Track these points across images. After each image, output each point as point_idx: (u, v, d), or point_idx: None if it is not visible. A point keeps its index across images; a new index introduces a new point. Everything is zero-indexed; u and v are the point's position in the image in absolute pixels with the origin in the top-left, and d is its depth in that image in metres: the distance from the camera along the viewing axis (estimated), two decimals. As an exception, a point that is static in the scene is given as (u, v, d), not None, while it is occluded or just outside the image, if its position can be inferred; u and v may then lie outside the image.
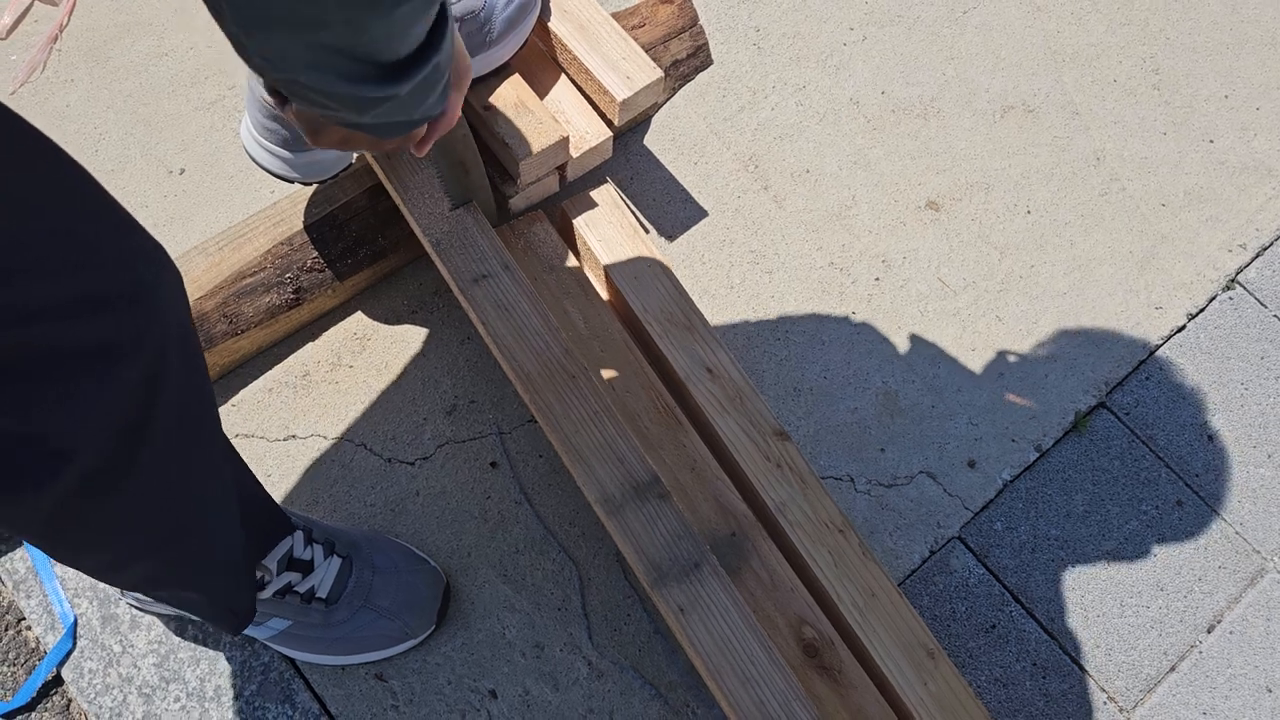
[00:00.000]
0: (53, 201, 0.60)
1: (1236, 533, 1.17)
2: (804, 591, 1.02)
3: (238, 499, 0.88)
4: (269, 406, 1.15)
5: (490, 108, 1.10)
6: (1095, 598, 1.13)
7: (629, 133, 1.33)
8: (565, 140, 1.10)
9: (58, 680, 1.05)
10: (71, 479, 0.66)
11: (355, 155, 1.09)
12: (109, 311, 0.63)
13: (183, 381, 0.72)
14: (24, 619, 1.07)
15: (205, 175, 1.27)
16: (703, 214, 1.29)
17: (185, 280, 1.10)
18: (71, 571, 1.07)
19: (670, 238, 1.27)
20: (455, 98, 0.75)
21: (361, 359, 1.18)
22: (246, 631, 1.00)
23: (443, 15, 0.59)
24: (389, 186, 1.09)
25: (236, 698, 1.03)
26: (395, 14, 0.52)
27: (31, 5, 1.37)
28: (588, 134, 1.15)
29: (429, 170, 1.07)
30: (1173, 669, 1.10)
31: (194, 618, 1.02)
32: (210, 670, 1.04)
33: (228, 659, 1.04)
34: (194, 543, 0.83)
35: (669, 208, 1.29)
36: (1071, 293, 1.28)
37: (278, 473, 1.12)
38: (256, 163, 1.04)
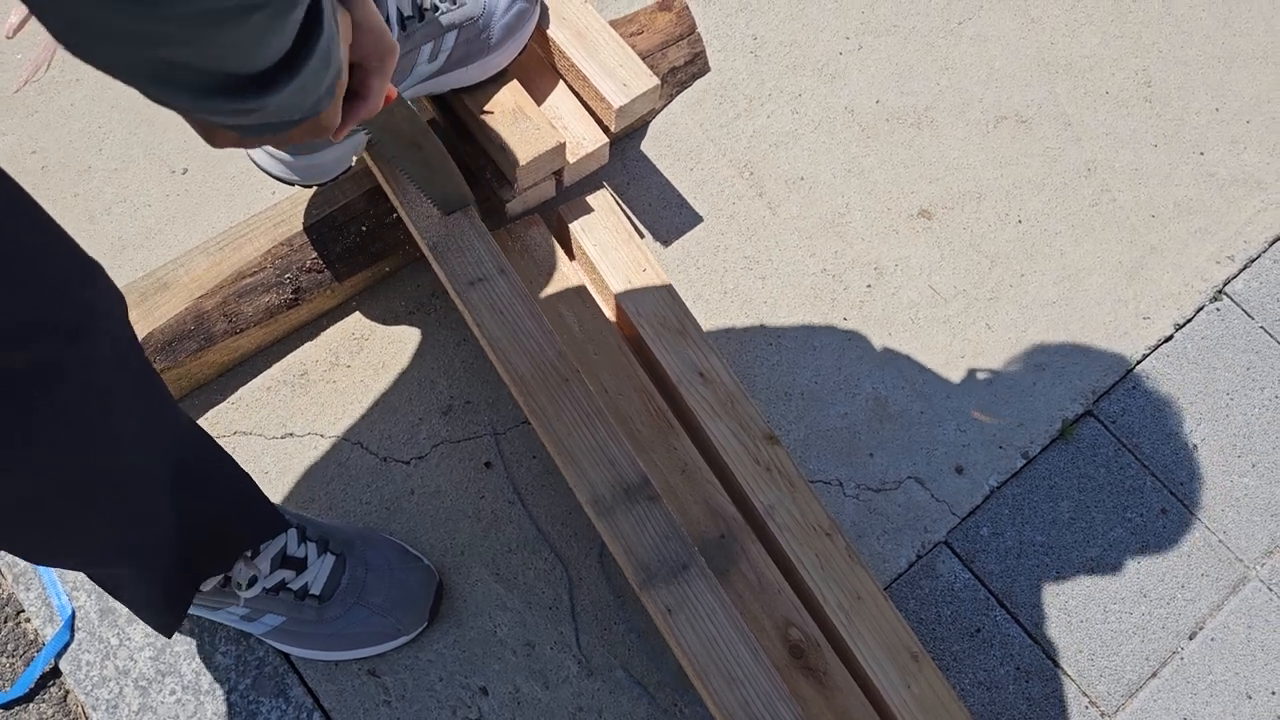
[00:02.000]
0: None
1: (1220, 541, 1.19)
2: (791, 593, 1.04)
3: (208, 508, 0.88)
4: (267, 405, 1.17)
5: (488, 113, 1.12)
6: (1079, 603, 1.14)
7: (625, 138, 1.35)
8: (562, 146, 1.12)
9: (55, 672, 1.06)
10: (12, 495, 0.66)
11: (355, 159, 1.10)
12: (44, 334, 0.61)
13: (126, 397, 0.71)
14: (23, 611, 1.09)
15: (207, 175, 1.29)
16: (698, 220, 1.31)
17: (186, 279, 1.12)
18: (70, 565, 1.08)
19: (665, 243, 1.29)
20: (375, 82, 0.70)
21: (359, 359, 1.20)
22: (241, 626, 1.01)
23: (313, 20, 0.53)
24: (388, 190, 1.11)
25: (231, 691, 1.04)
26: (243, 28, 0.46)
27: (37, 5, 1.38)
28: (584, 140, 1.16)
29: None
30: (1154, 675, 1.12)
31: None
32: (205, 664, 1.05)
33: (223, 653, 1.06)
34: (155, 548, 0.83)
35: (664, 213, 1.31)
36: (1061, 302, 1.30)
37: (275, 470, 1.14)
38: (258, 165, 1.06)
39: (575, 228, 1.18)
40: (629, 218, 1.28)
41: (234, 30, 0.46)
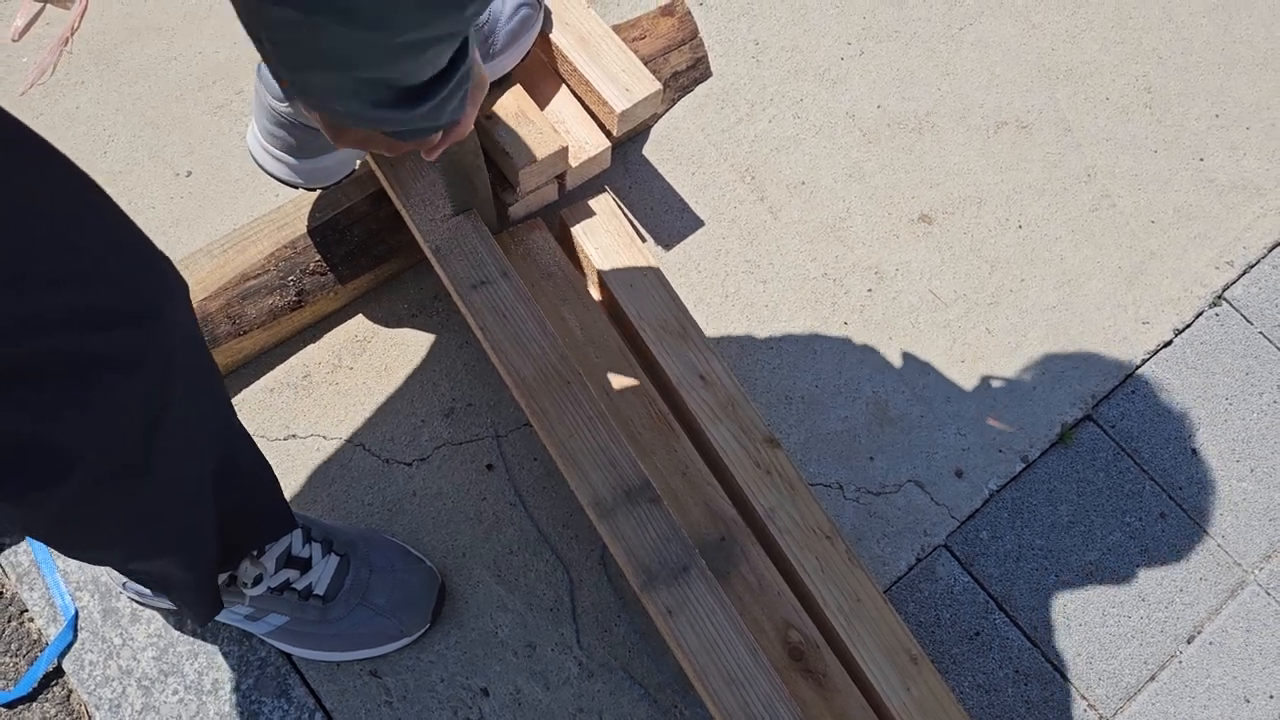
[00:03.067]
0: (67, 214, 0.62)
1: (1218, 545, 1.19)
2: (790, 596, 1.04)
3: (251, 499, 0.90)
4: (270, 406, 1.17)
5: (492, 117, 1.13)
6: (1078, 607, 1.15)
7: (628, 143, 1.35)
8: (565, 150, 1.13)
9: (58, 671, 1.07)
10: (78, 483, 0.68)
11: (358, 162, 1.11)
12: (119, 324, 0.65)
13: (191, 389, 0.74)
14: (26, 611, 1.09)
15: (211, 178, 1.30)
16: (699, 224, 1.31)
17: (190, 281, 1.12)
18: (73, 565, 1.09)
19: (667, 246, 1.30)
20: (470, 110, 0.77)
21: (361, 361, 1.20)
22: (245, 626, 1.02)
23: (462, 46, 0.62)
24: (391, 193, 1.11)
25: (234, 691, 1.05)
26: (428, 52, 0.56)
27: (44, 8, 1.39)
28: (587, 144, 1.17)
29: (430, 177, 1.09)
30: (1153, 678, 1.12)
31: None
32: (208, 664, 1.06)
33: (225, 653, 1.06)
34: (199, 538, 0.85)
35: (666, 217, 1.31)
36: (1060, 307, 1.30)
37: (278, 472, 1.13)
38: (262, 168, 1.07)
39: (577, 231, 1.19)
40: (631, 221, 1.28)
41: (421, 55, 0.56)
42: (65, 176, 0.63)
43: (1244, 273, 1.35)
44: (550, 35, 1.18)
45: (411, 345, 1.22)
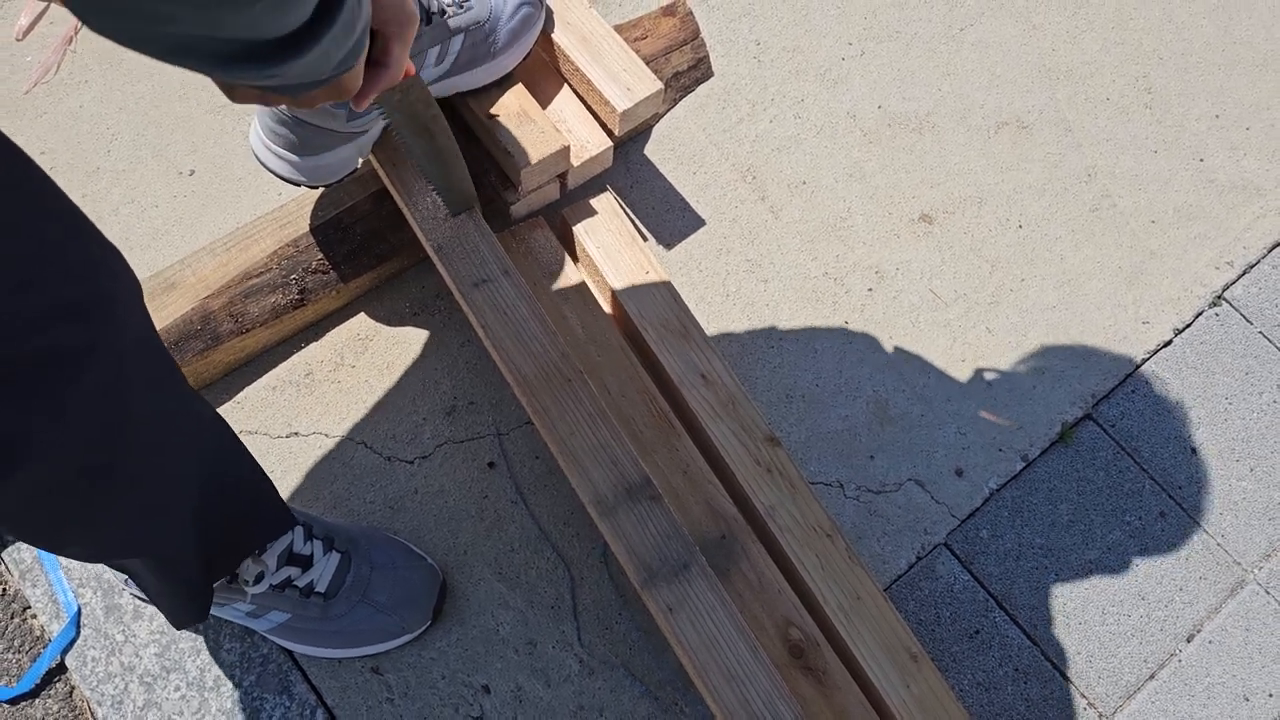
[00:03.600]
0: (26, 210, 0.60)
1: (1218, 544, 1.19)
2: (791, 594, 1.05)
3: (227, 497, 0.89)
4: (272, 404, 1.18)
5: (493, 117, 1.13)
6: (1077, 605, 1.15)
7: (629, 142, 1.36)
8: (566, 149, 1.13)
9: (61, 668, 1.07)
10: (37, 478, 0.66)
11: (361, 161, 1.11)
12: (71, 320, 0.63)
13: (151, 384, 0.72)
14: (29, 607, 1.10)
15: (214, 177, 1.30)
16: (700, 223, 1.32)
17: (193, 279, 1.13)
18: (76, 562, 1.09)
19: (668, 246, 1.30)
20: (398, 49, 0.70)
21: (363, 359, 1.21)
22: (246, 623, 1.02)
23: None
24: (393, 191, 1.12)
25: (235, 687, 1.05)
26: (255, 8, 0.47)
27: (48, 7, 1.40)
28: (588, 143, 1.17)
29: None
30: (1152, 677, 1.13)
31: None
32: (210, 660, 1.06)
33: (227, 650, 1.07)
34: (163, 545, 0.84)
35: (667, 216, 1.32)
36: (1061, 306, 1.31)
37: (280, 469, 1.14)
38: (264, 166, 1.07)
39: (579, 230, 1.19)
40: (632, 221, 1.29)
41: (241, 12, 0.47)
42: (16, 166, 0.61)
43: (1244, 273, 1.35)
44: (552, 35, 1.18)
45: (413, 343, 1.22)
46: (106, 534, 0.79)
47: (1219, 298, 1.33)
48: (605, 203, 1.21)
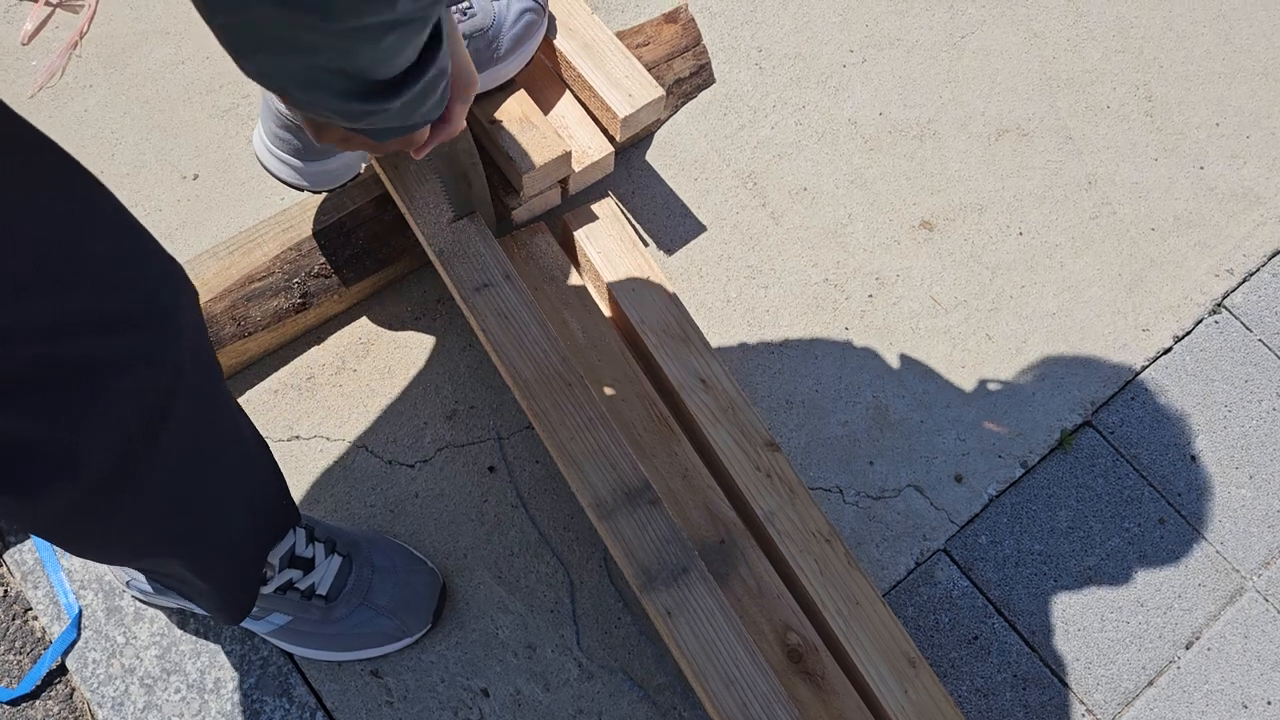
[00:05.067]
0: (85, 221, 0.63)
1: (1217, 552, 1.20)
2: (790, 598, 1.05)
3: (257, 497, 0.91)
4: (274, 408, 1.18)
5: (496, 122, 1.14)
6: (1076, 612, 1.15)
7: (631, 148, 1.36)
8: (568, 155, 1.14)
9: (62, 669, 1.07)
10: (83, 484, 0.69)
11: (363, 165, 1.12)
12: (130, 329, 0.66)
13: (197, 393, 0.75)
14: (30, 609, 1.10)
15: (218, 181, 1.31)
16: (701, 229, 1.32)
17: (196, 283, 1.13)
18: (78, 563, 1.10)
19: (669, 251, 1.30)
20: (459, 108, 0.77)
21: (365, 363, 1.21)
22: (247, 625, 1.02)
23: (435, 35, 0.61)
24: (395, 196, 1.12)
25: (235, 690, 1.05)
26: (383, 42, 0.54)
27: (53, 12, 1.40)
28: (590, 149, 1.18)
29: (435, 182, 1.10)
30: (1151, 684, 1.13)
31: (196, 610, 1.05)
32: (210, 663, 1.06)
33: (227, 652, 1.07)
34: (207, 541, 0.86)
35: (669, 222, 1.32)
36: (1061, 313, 1.31)
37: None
38: (268, 170, 1.08)
39: (580, 235, 1.19)
40: (633, 226, 1.29)
41: (376, 44, 0.54)
42: (79, 183, 0.64)
43: (1244, 280, 1.35)
44: (554, 41, 1.19)
45: (415, 347, 1.22)
46: (142, 537, 0.80)
47: (1219, 305, 1.33)
48: (606, 208, 1.22)
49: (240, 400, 1.18)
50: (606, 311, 1.19)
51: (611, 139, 1.19)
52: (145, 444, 0.71)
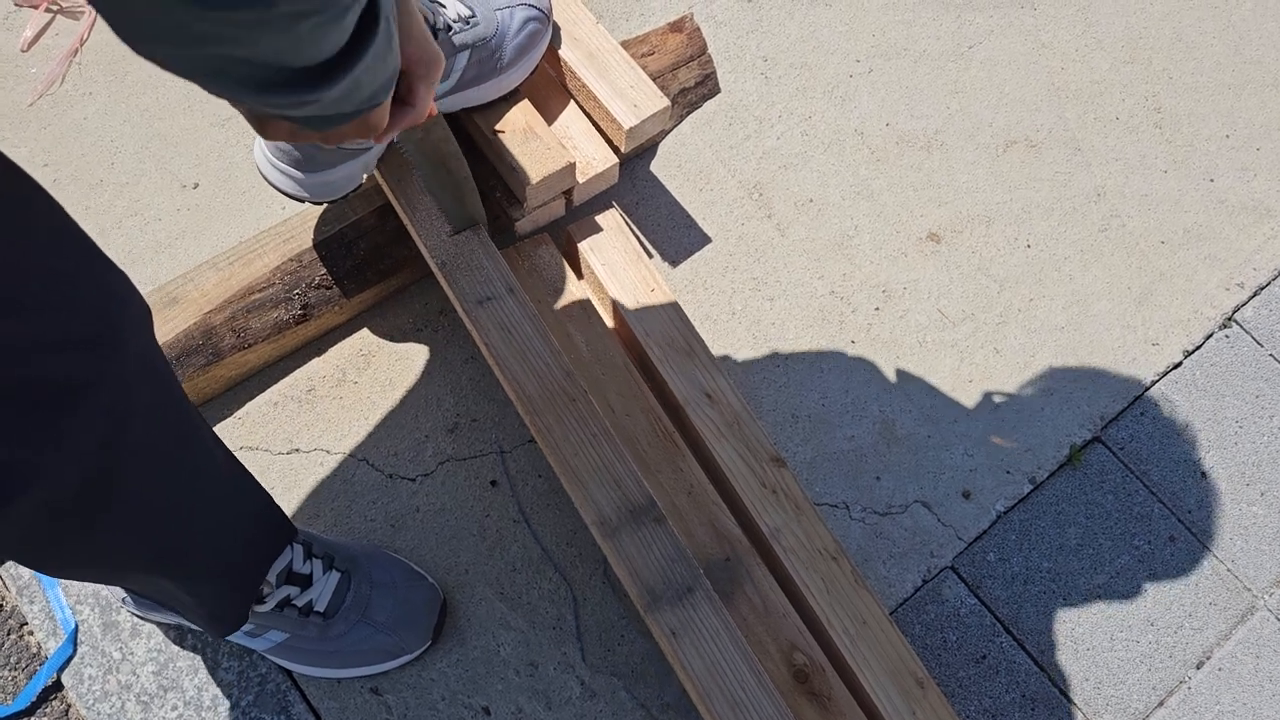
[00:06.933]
0: (39, 237, 0.61)
1: (1228, 570, 1.18)
2: (796, 617, 1.03)
3: (242, 515, 0.89)
4: (274, 420, 1.17)
5: (499, 132, 1.12)
6: (1086, 631, 1.14)
7: (635, 158, 1.35)
8: (572, 166, 1.12)
9: (58, 685, 1.06)
10: (35, 505, 0.66)
11: (365, 176, 1.11)
12: (78, 347, 0.64)
13: (156, 414, 0.73)
14: (26, 624, 1.09)
15: (218, 191, 1.29)
16: (706, 240, 1.31)
17: (196, 294, 1.12)
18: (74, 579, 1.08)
19: (674, 263, 1.29)
20: (423, 89, 0.71)
21: (366, 375, 1.20)
22: (245, 643, 1.01)
23: (371, 17, 0.54)
24: (397, 207, 1.11)
25: (233, 707, 1.04)
26: (297, 29, 0.48)
27: (53, 19, 1.39)
28: (594, 160, 1.17)
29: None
30: (1161, 704, 1.11)
31: (193, 626, 1.03)
32: (208, 680, 1.05)
33: (225, 669, 1.06)
34: (190, 559, 0.84)
35: (673, 233, 1.31)
36: (1069, 327, 1.29)
37: (280, 486, 1.13)
38: (268, 181, 1.06)
39: (584, 247, 1.18)
40: (638, 238, 1.28)
41: (286, 33, 0.47)
42: (16, 192, 0.61)
43: (1254, 294, 1.34)
44: (558, 50, 1.18)
45: (416, 360, 1.21)
46: (114, 558, 0.79)
47: (1229, 320, 1.32)
48: (611, 219, 1.20)
49: (239, 413, 1.17)
50: (610, 324, 1.18)
51: (616, 150, 1.18)
52: (101, 466, 0.69)
